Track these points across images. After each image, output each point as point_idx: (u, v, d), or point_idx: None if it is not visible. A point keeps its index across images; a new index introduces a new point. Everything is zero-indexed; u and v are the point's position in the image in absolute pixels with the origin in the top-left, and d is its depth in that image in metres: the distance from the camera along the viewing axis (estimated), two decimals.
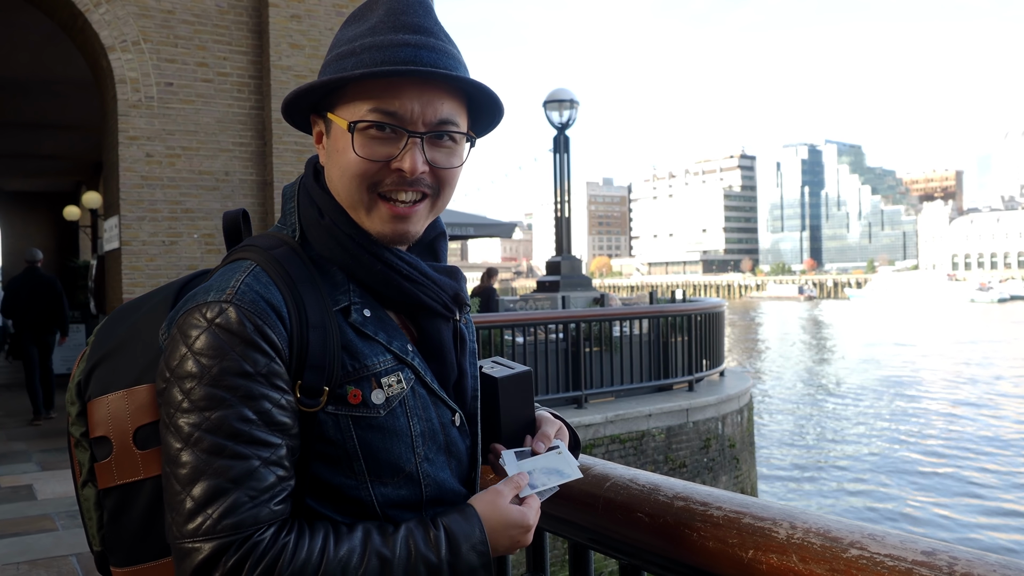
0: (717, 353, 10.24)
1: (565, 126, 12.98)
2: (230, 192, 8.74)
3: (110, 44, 8.13)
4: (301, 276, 1.09)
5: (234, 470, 0.98)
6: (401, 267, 1.14)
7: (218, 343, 1.00)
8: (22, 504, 5.89)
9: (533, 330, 8.45)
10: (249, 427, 0.99)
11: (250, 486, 0.98)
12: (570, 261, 13.20)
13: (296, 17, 8.89)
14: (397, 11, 1.11)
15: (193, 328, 1.02)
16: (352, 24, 1.15)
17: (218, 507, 0.97)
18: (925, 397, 24.27)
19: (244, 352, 1.00)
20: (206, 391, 0.99)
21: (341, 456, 1.08)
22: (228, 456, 0.98)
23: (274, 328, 1.03)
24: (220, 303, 1.03)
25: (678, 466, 8.58)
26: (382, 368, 1.11)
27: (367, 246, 1.13)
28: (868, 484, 14.79)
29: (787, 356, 36.60)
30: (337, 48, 1.14)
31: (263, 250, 1.11)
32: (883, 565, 0.98)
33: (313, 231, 1.15)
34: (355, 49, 1.10)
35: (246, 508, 0.97)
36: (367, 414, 1.08)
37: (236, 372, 1.00)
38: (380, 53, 1.08)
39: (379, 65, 1.07)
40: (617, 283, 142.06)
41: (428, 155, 1.11)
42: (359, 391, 1.08)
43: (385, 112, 1.09)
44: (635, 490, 1.36)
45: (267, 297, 1.04)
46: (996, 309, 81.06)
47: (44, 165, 18.86)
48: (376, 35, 1.10)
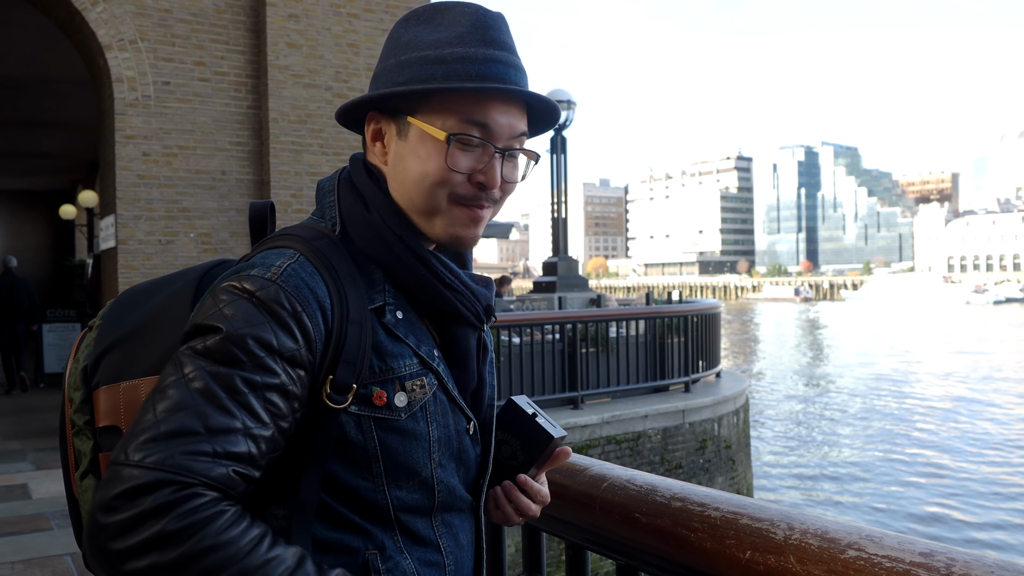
0: (713, 354, 10.25)
1: (562, 127, 12.98)
2: (227, 191, 8.73)
3: (107, 43, 8.11)
4: (344, 271, 1.08)
5: (214, 420, 0.94)
6: (444, 275, 1.15)
7: (253, 311, 0.99)
8: (16, 503, 5.87)
9: (529, 331, 8.44)
10: (250, 392, 0.97)
11: (220, 443, 0.94)
12: (567, 262, 13.20)
13: (294, 16, 8.88)
14: (484, 25, 1.12)
15: (230, 295, 1.01)
16: (424, 27, 1.13)
17: (179, 446, 0.91)
18: (921, 398, 24.31)
19: (275, 328, 0.99)
20: (224, 345, 0.97)
21: (361, 457, 1.07)
22: (216, 406, 0.95)
23: (312, 318, 1.02)
24: (264, 279, 1.02)
25: (674, 467, 8.59)
26: (407, 372, 1.10)
27: (415, 249, 1.13)
28: (865, 485, 14.80)
29: (783, 357, 36.64)
30: (416, 51, 1.11)
31: (305, 240, 1.09)
32: (881, 566, 0.98)
33: (357, 227, 1.14)
34: (444, 57, 1.10)
35: (205, 459, 0.92)
36: (389, 416, 1.08)
37: (261, 341, 0.98)
38: (474, 67, 1.09)
39: (473, 78, 1.08)
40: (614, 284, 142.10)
41: (503, 170, 1.14)
42: (384, 392, 1.08)
43: (478, 124, 1.10)
44: (632, 491, 1.36)
45: (312, 286, 1.04)
46: (991, 311, 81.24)
47: (40, 164, 18.83)
48: (466, 47, 1.10)
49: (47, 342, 12.30)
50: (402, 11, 9.44)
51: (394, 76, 1.12)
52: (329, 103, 9.04)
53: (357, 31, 9.25)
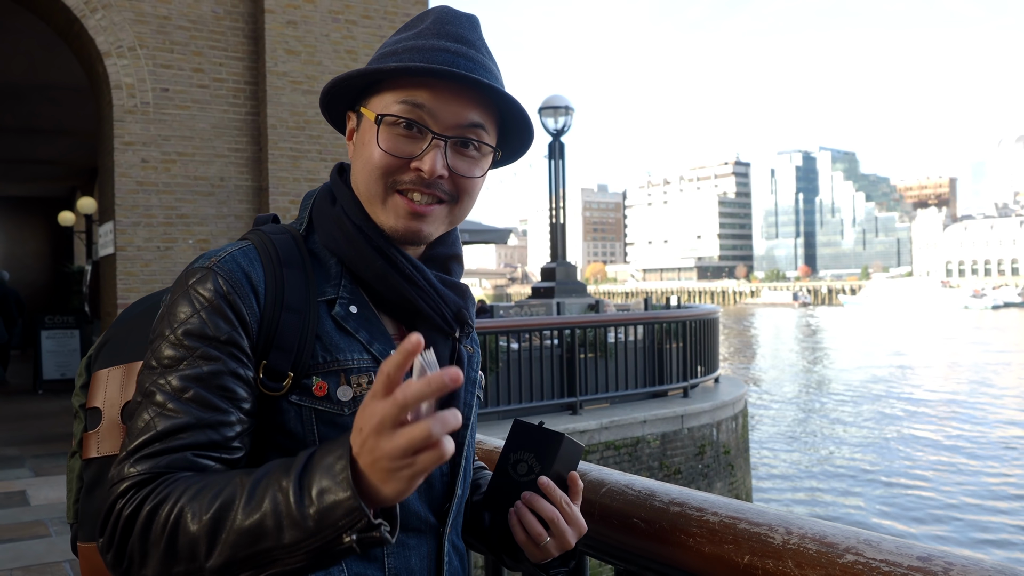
0: (712, 359, 10.24)
1: (560, 132, 13.00)
2: (225, 198, 8.73)
3: (106, 50, 8.12)
4: (290, 260, 1.10)
5: (166, 424, 0.98)
6: (404, 266, 1.13)
7: (189, 304, 1.03)
8: (15, 510, 5.86)
9: (528, 336, 8.44)
10: (197, 385, 1.00)
11: (172, 440, 0.98)
12: (565, 267, 13.19)
13: (292, 23, 8.90)
14: (444, 21, 1.13)
15: (177, 288, 1.07)
16: (400, 32, 1.18)
17: (136, 454, 0.97)
18: (919, 403, 24.30)
19: (209, 316, 1.02)
20: (167, 349, 1.02)
21: (299, 450, 0.98)
22: (168, 413, 0.99)
23: (245, 300, 1.04)
24: (203, 268, 1.06)
25: (673, 472, 8.58)
26: (354, 366, 1.07)
27: (373, 239, 1.12)
28: (863, 490, 14.79)
29: (782, 362, 36.63)
30: (381, 50, 1.16)
31: (263, 233, 1.14)
32: (879, 571, 0.98)
33: (321, 222, 1.16)
34: (396, 50, 1.12)
35: (162, 456, 0.97)
36: (331, 409, 1.05)
37: (197, 333, 1.01)
38: (419, 54, 1.09)
39: (415, 64, 1.08)
40: (612, 289, 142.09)
41: (450, 161, 1.10)
42: (325, 384, 1.05)
43: (413, 105, 1.08)
44: (631, 496, 1.36)
45: (247, 271, 1.06)
46: (990, 316, 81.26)
47: (39, 170, 18.81)
48: (419, 39, 1.12)
49: (46, 348, 12.26)
50: (400, 17, 9.47)
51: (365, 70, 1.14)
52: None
53: (355, 37, 9.27)
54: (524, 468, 1.23)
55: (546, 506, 1.17)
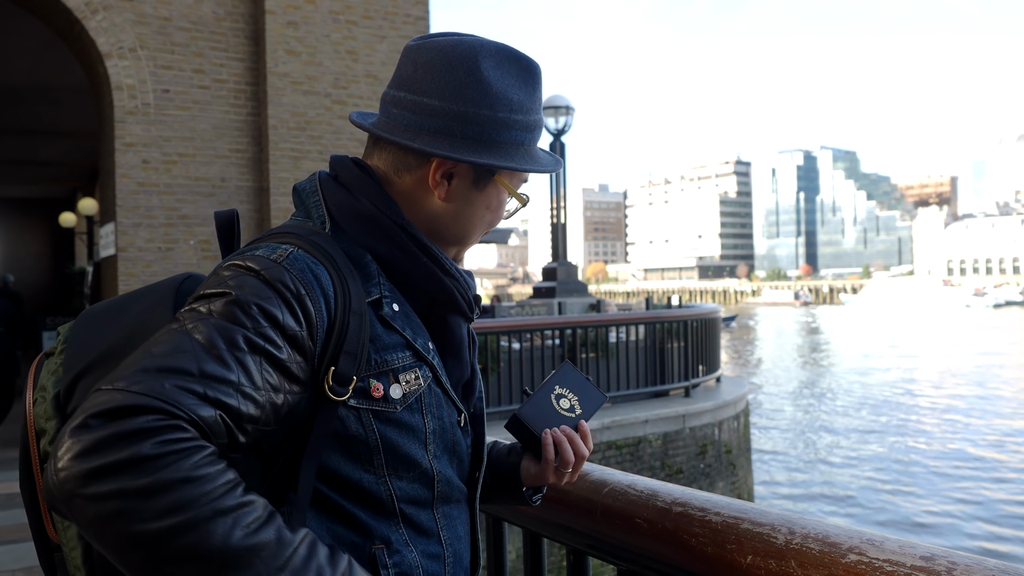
0: (713, 359, 10.23)
1: (561, 132, 13.00)
2: (226, 198, 8.74)
3: (107, 51, 8.13)
4: (342, 263, 1.09)
5: (210, 367, 0.90)
6: (444, 261, 1.18)
7: (259, 285, 0.98)
8: (16, 511, 5.86)
9: (529, 336, 8.44)
10: (250, 352, 0.94)
11: (213, 388, 0.89)
12: (566, 267, 13.19)
13: (293, 24, 8.90)
14: (541, 90, 1.22)
15: (235, 270, 1.00)
16: (508, 79, 1.17)
17: (171, 380, 0.87)
18: (921, 402, 24.29)
19: (280, 305, 0.98)
20: (230, 307, 0.95)
21: (363, 451, 1.08)
22: (214, 356, 0.91)
23: (315, 304, 1.01)
24: (270, 259, 1.02)
25: (675, 472, 8.58)
26: (400, 364, 1.11)
27: (417, 236, 1.16)
28: (866, 489, 14.78)
29: (783, 361, 36.62)
30: (510, 111, 1.16)
31: (300, 236, 1.09)
32: (882, 570, 0.98)
33: (351, 220, 1.15)
34: (531, 125, 1.19)
35: (194, 398, 0.87)
36: (386, 408, 1.09)
37: (266, 312, 0.96)
38: (548, 156, 1.22)
39: (547, 163, 1.20)
40: (613, 289, 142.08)
41: None
42: (380, 385, 1.08)
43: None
44: (633, 496, 1.36)
45: (317, 274, 1.03)
46: (991, 315, 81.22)
47: (40, 172, 18.84)
48: (538, 113, 1.20)
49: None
50: (400, 18, 9.46)
51: (492, 133, 1.15)
52: (328, 110, 9.05)
53: (356, 38, 9.27)
54: (566, 404, 1.37)
55: (582, 446, 1.31)
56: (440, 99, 1.13)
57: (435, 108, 1.13)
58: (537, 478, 1.34)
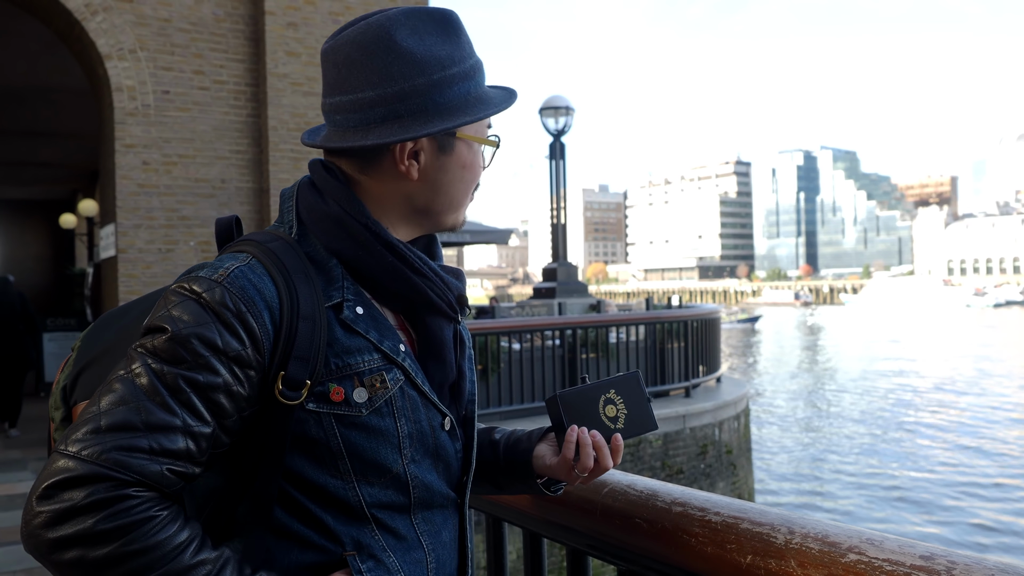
0: (713, 359, 10.24)
1: (561, 133, 13.00)
2: (226, 200, 8.74)
3: (107, 52, 8.13)
4: (295, 267, 1.09)
5: (153, 417, 0.96)
6: (413, 260, 1.16)
7: (199, 312, 1.01)
8: (16, 512, 5.86)
9: (530, 336, 8.44)
10: (192, 391, 0.99)
11: (158, 439, 0.96)
12: (566, 268, 13.19)
13: (292, 25, 8.91)
14: (465, 30, 1.22)
15: (179, 296, 1.04)
16: (430, 39, 1.15)
17: (117, 440, 0.94)
18: (923, 402, 24.29)
19: (220, 329, 1.01)
20: (169, 345, 1.00)
21: (325, 455, 1.08)
22: (157, 403, 0.97)
23: (258, 319, 1.03)
24: (211, 280, 1.04)
25: (675, 472, 8.58)
26: (366, 367, 1.10)
27: (381, 235, 1.14)
28: (866, 489, 14.78)
29: (784, 361, 36.62)
30: (441, 69, 1.14)
31: (258, 243, 1.11)
32: (881, 570, 0.98)
33: (317, 222, 1.15)
34: (468, 73, 1.17)
35: (141, 456, 0.95)
36: (349, 412, 1.08)
37: (205, 341, 1.00)
38: (499, 90, 1.22)
39: (499, 101, 1.19)
40: (613, 289, 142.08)
41: None
42: (341, 389, 1.08)
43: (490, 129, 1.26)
44: (633, 496, 1.36)
45: (259, 287, 1.05)
46: (992, 314, 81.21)
47: (40, 173, 18.83)
48: (473, 57, 1.19)
49: (48, 351, 12.28)
50: None
51: (435, 97, 1.13)
52: None
53: None
54: (612, 412, 1.32)
55: (608, 459, 1.26)
56: (373, 88, 1.13)
57: (373, 99, 1.13)
58: (551, 470, 1.30)
